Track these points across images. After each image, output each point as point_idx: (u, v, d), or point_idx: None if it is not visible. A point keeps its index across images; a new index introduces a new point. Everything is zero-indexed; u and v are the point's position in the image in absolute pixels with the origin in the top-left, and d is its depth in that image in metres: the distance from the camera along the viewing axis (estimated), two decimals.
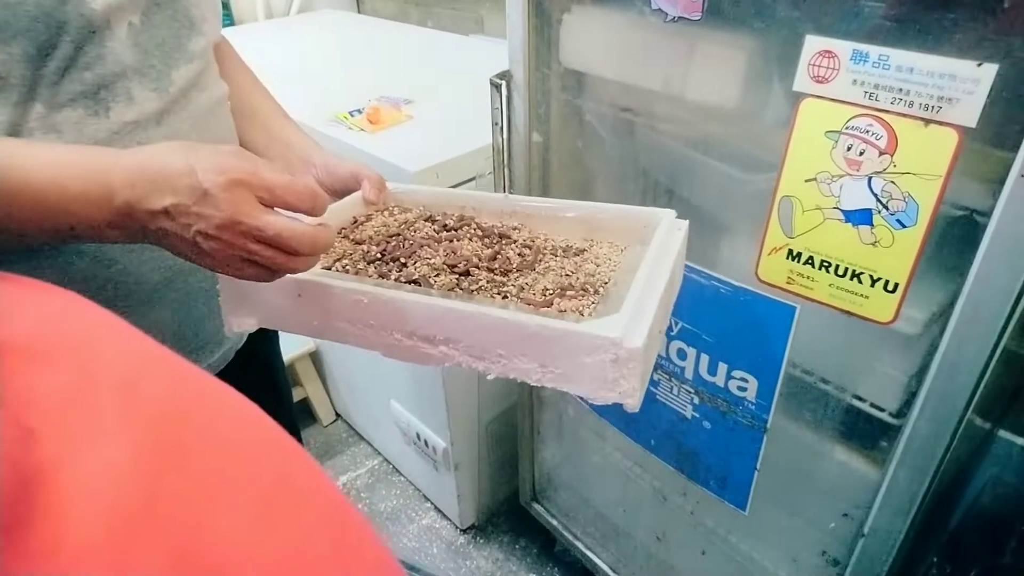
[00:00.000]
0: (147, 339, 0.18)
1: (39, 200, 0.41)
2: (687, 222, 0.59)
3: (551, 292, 0.51)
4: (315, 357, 1.68)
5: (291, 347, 1.57)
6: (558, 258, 0.57)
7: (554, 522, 1.30)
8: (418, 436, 1.37)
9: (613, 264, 0.56)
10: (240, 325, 0.55)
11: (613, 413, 1.02)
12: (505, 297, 0.51)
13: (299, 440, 0.95)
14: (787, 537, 0.86)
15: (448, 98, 1.24)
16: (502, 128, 0.89)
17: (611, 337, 0.42)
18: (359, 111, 1.15)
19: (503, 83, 0.85)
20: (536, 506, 1.33)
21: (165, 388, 0.17)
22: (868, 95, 0.55)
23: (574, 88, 0.85)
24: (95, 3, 0.48)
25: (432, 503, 1.54)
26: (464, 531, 1.48)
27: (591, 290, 0.51)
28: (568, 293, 0.51)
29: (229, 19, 1.94)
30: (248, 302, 0.54)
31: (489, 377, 0.48)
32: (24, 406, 0.14)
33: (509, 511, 1.50)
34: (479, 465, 1.39)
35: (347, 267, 0.55)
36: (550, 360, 0.45)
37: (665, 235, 0.56)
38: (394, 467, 1.63)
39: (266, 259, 0.43)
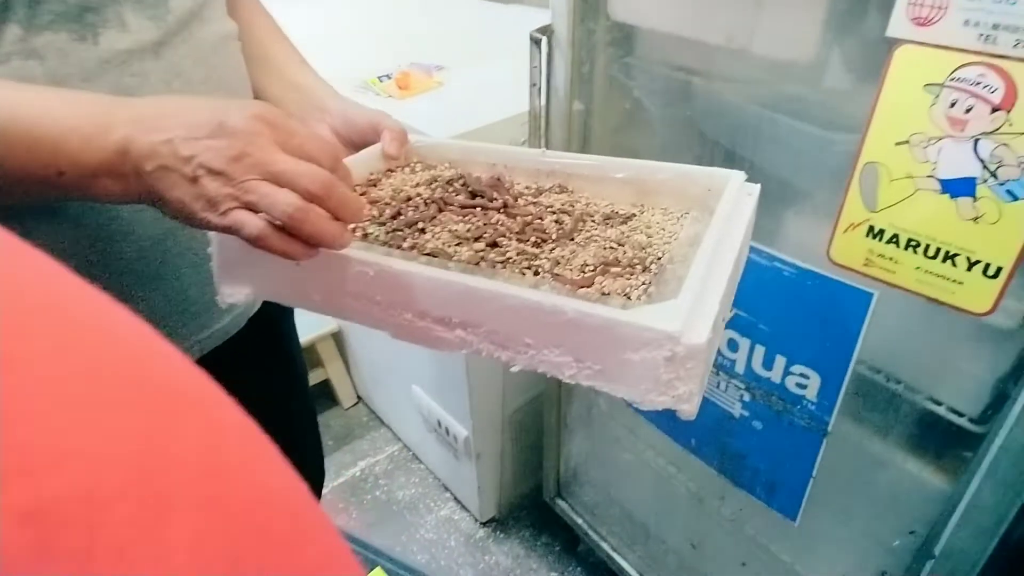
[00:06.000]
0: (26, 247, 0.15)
1: (29, 132, 0.38)
2: (759, 186, 0.51)
3: (592, 268, 0.43)
4: (338, 338, 1.64)
5: (313, 327, 1.54)
6: (601, 226, 0.49)
7: (579, 520, 1.25)
8: (439, 423, 1.33)
9: (668, 235, 0.47)
10: (233, 295, 0.48)
11: None
12: (536, 273, 0.43)
13: (314, 420, 0.89)
14: (841, 553, 0.78)
15: (481, 65, 1.20)
16: (540, 90, 0.82)
17: (667, 331, 0.34)
18: (388, 76, 1.11)
19: (544, 38, 0.78)
20: (560, 502, 1.28)
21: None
22: (984, 37, 0.46)
23: (623, 45, 0.77)
24: None
25: (452, 494, 1.49)
26: (484, 524, 1.43)
27: (640, 267, 0.43)
28: (613, 270, 0.42)
29: None
30: (243, 269, 0.47)
31: (513, 369, 0.40)
32: None
33: (531, 506, 1.44)
34: (502, 456, 1.34)
35: (355, 231, 0.48)
36: (588, 354, 0.38)
37: (733, 201, 0.47)
38: (414, 454, 1.59)
39: (273, 203, 0.38)
